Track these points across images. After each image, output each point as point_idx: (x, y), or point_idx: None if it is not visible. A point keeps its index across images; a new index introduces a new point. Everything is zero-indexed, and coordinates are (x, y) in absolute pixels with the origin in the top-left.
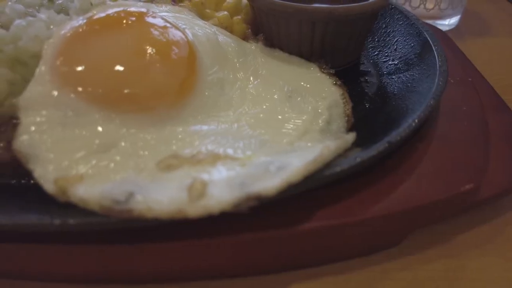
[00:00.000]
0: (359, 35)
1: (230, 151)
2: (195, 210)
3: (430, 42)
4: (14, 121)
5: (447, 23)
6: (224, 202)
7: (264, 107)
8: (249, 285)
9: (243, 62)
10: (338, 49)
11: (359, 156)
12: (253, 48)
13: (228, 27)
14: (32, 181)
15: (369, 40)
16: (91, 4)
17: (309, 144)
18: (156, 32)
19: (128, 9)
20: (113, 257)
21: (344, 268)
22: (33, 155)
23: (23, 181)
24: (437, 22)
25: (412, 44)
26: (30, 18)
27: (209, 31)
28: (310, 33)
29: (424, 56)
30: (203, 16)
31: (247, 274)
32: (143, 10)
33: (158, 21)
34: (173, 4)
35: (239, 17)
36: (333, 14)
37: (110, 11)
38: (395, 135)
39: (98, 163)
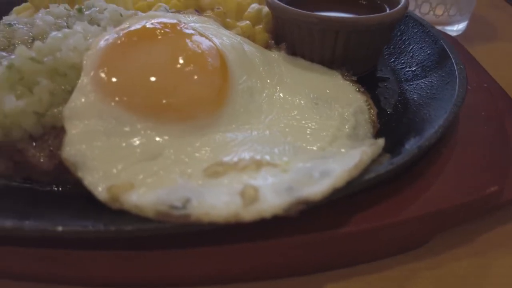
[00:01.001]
0: (379, 44)
1: (267, 158)
2: (249, 214)
3: (447, 50)
4: (56, 130)
5: (455, 28)
6: (276, 206)
7: (293, 114)
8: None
9: (268, 71)
10: (358, 57)
11: (393, 161)
12: (276, 56)
13: (250, 36)
14: (69, 187)
15: (385, 47)
16: (121, 15)
17: (342, 150)
18: (191, 43)
19: (162, 20)
20: (162, 262)
21: (376, 268)
22: (81, 163)
23: (60, 189)
24: (446, 28)
25: (429, 52)
26: (66, 30)
27: (235, 40)
28: (333, 42)
29: (442, 63)
30: (225, 26)
31: (282, 276)
32: (175, 21)
33: (191, 32)
34: (198, 15)
35: (261, 26)
36: (356, 24)
37: (145, 23)
38: (423, 141)
39: (147, 170)
